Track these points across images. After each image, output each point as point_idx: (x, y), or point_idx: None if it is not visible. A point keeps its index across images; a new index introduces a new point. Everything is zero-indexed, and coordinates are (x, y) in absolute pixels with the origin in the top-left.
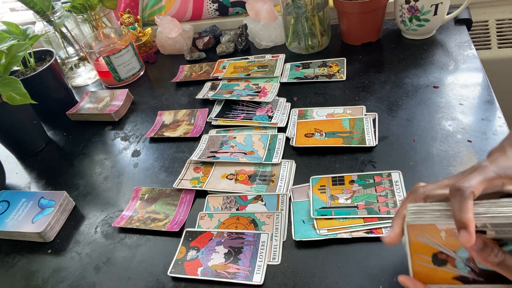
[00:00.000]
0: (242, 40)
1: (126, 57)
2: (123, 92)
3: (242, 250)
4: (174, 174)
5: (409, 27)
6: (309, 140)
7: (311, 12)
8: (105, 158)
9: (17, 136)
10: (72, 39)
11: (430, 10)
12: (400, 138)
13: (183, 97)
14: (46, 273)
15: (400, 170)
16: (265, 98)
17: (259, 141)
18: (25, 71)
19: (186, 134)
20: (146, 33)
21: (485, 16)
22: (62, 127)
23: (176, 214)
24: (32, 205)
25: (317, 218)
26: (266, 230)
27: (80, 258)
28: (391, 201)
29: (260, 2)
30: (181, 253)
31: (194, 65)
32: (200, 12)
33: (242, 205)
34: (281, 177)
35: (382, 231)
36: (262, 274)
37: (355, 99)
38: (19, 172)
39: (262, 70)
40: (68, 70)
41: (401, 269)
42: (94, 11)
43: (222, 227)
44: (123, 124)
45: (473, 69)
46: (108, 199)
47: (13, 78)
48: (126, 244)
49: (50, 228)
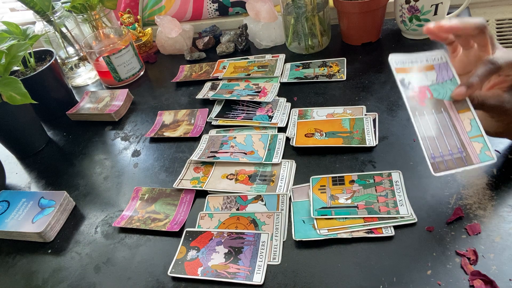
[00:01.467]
0: (242, 40)
1: (126, 57)
2: (123, 92)
3: (242, 250)
4: (174, 174)
5: (409, 27)
6: (309, 140)
7: (311, 12)
8: (105, 158)
9: (17, 136)
10: (72, 39)
11: (430, 10)
12: (400, 138)
13: (183, 97)
14: (46, 273)
15: (400, 170)
16: (265, 98)
17: (259, 141)
18: (25, 71)
19: (186, 134)
20: (146, 33)
21: (485, 16)
22: (62, 127)
23: (176, 214)
24: (32, 205)
25: (317, 218)
26: (266, 230)
27: (80, 258)
28: (391, 201)
29: (260, 2)
30: (181, 253)
31: (194, 65)
32: (200, 12)
33: (242, 205)
34: (281, 177)
35: (382, 231)
36: (262, 274)
37: (355, 99)
38: (19, 172)
39: (262, 70)
40: (68, 70)
41: (401, 269)
42: (94, 11)
43: (222, 227)
44: (123, 124)
45: None
46: (108, 199)
47: (13, 78)
48: (126, 244)
49: (50, 228)
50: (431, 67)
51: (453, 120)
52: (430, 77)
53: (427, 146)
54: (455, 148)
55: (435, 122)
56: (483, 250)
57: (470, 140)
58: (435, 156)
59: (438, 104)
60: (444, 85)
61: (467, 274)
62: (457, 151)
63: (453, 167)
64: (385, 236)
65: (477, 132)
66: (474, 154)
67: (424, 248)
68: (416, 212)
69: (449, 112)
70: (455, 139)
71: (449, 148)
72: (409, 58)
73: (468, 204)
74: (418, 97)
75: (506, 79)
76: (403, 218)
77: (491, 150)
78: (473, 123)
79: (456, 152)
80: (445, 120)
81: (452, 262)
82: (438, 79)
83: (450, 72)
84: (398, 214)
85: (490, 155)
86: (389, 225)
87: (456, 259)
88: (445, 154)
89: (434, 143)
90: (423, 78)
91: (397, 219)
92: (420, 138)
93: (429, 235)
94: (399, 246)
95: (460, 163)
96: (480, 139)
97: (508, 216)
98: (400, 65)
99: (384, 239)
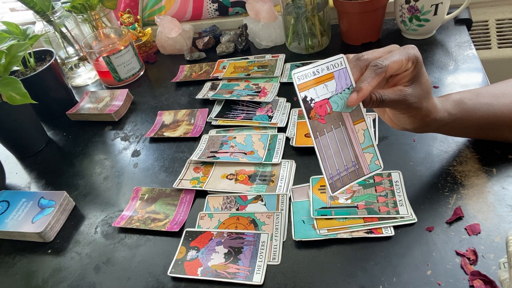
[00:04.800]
0: (242, 40)
1: (126, 57)
2: (123, 92)
3: (242, 250)
4: (174, 174)
5: (409, 27)
6: (309, 140)
7: (311, 12)
8: (105, 158)
9: (17, 136)
10: (72, 39)
11: (430, 10)
12: (400, 138)
13: (183, 97)
14: (46, 273)
15: (400, 170)
16: (265, 98)
17: (259, 141)
18: (25, 71)
19: (186, 134)
20: (146, 33)
21: (485, 16)
22: (62, 127)
23: (176, 214)
24: (32, 205)
25: (317, 218)
26: (266, 230)
27: (80, 258)
28: (391, 201)
29: (260, 2)
30: (181, 253)
31: (194, 65)
32: (200, 12)
33: (242, 205)
34: (281, 177)
35: (382, 231)
36: (262, 274)
37: None
38: (19, 172)
39: (262, 70)
40: (68, 70)
41: (401, 269)
42: (94, 11)
43: (222, 227)
44: (123, 124)
45: (473, 69)
46: (108, 199)
47: (13, 78)
48: (126, 244)
49: (50, 228)
50: (331, 76)
51: (349, 132)
52: (330, 88)
53: (326, 167)
54: (349, 162)
55: (333, 139)
56: (483, 250)
57: (363, 152)
58: (333, 176)
59: (337, 118)
60: (342, 95)
61: (467, 274)
62: (351, 164)
63: (347, 182)
64: (385, 236)
65: (369, 143)
66: (365, 165)
67: (424, 248)
68: (416, 212)
69: (346, 125)
70: (350, 153)
71: (344, 164)
72: (311, 70)
73: (468, 204)
74: (319, 114)
75: (406, 75)
76: (403, 218)
77: (379, 159)
78: (366, 134)
79: (350, 166)
80: (342, 134)
81: (452, 262)
82: (337, 89)
83: (348, 79)
84: (398, 214)
85: (379, 163)
86: (389, 225)
87: (456, 259)
88: (341, 170)
89: (333, 161)
90: (324, 91)
91: (397, 219)
92: (320, 160)
93: (429, 235)
94: (399, 246)
95: (354, 177)
96: (371, 149)
97: (508, 216)
98: (303, 80)
99: (384, 239)
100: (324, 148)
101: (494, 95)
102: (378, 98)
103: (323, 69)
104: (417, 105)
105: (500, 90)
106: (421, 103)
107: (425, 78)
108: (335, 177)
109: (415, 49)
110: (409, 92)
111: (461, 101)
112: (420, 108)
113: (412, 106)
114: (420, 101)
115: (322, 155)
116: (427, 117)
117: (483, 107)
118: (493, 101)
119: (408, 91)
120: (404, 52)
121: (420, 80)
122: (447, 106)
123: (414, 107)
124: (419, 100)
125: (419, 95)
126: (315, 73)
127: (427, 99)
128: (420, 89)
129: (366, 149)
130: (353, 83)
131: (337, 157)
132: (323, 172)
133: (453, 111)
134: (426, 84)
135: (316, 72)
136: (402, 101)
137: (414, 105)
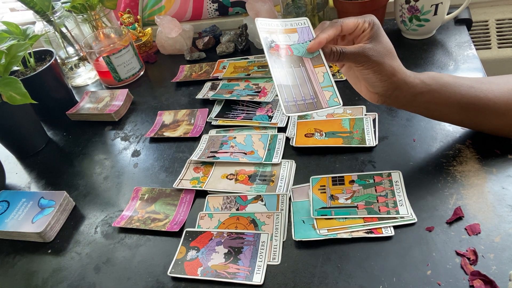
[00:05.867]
0: (242, 40)
1: (126, 57)
2: (123, 92)
3: (242, 250)
4: (174, 174)
5: (409, 27)
6: (309, 140)
7: (311, 12)
8: (105, 158)
9: (17, 136)
10: (72, 39)
11: (430, 10)
12: (400, 138)
13: (183, 97)
14: (46, 273)
15: (400, 170)
16: (265, 98)
17: (259, 141)
18: (25, 71)
19: (186, 134)
20: (146, 33)
21: (485, 16)
22: (62, 127)
23: (176, 214)
24: (32, 205)
25: (317, 218)
26: (266, 230)
27: (80, 258)
28: (391, 201)
29: (260, 2)
30: (181, 253)
31: (194, 65)
32: (200, 12)
33: (242, 205)
34: (281, 177)
35: (382, 231)
36: (262, 274)
37: (355, 99)
38: (19, 172)
39: (262, 70)
40: (68, 70)
41: (401, 269)
42: (94, 11)
43: (222, 227)
44: (123, 124)
45: (473, 69)
46: (108, 199)
47: (13, 78)
48: (126, 244)
49: (50, 228)
50: (294, 30)
51: (309, 73)
52: (293, 38)
53: (282, 92)
54: (308, 95)
55: (292, 74)
56: (483, 250)
57: (322, 89)
58: (289, 101)
59: (297, 60)
60: (304, 45)
61: (467, 274)
62: (310, 97)
63: (304, 109)
64: (385, 236)
65: (328, 83)
66: (324, 100)
67: (424, 248)
68: (416, 212)
69: (306, 67)
70: (309, 88)
71: (302, 95)
72: (275, 23)
73: (468, 204)
74: (279, 52)
75: (364, 34)
76: (403, 218)
77: (338, 97)
78: (326, 76)
79: (308, 98)
80: (301, 73)
81: (452, 262)
82: (300, 40)
83: (310, 34)
84: (398, 214)
85: (338, 101)
86: (389, 225)
87: (456, 259)
88: (298, 99)
89: (289, 90)
90: (286, 39)
91: (397, 219)
92: (276, 86)
93: (429, 235)
94: (399, 246)
95: (311, 107)
96: (330, 88)
97: (508, 216)
98: (266, 26)
99: (384, 239)
100: (281, 77)
101: (478, 81)
102: (339, 50)
103: (287, 24)
104: (376, 58)
105: (486, 79)
106: (382, 58)
107: (384, 39)
108: (290, 102)
109: (372, 16)
110: (368, 47)
111: (438, 76)
112: (381, 63)
113: (372, 59)
114: (381, 56)
115: (278, 82)
116: (393, 75)
117: (463, 87)
118: (476, 84)
119: (367, 46)
120: (361, 16)
121: (379, 39)
122: (420, 76)
123: (374, 60)
124: (379, 55)
125: (379, 51)
126: (279, 25)
127: (389, 58)
128: (380, 46)
129: (326, 88)
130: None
131: (294, 88)
132: (278, 94)
133: (427, 81)
134: (385, 43)
135: (281, 24)
136: (361, 53)
137: (374, 58)
